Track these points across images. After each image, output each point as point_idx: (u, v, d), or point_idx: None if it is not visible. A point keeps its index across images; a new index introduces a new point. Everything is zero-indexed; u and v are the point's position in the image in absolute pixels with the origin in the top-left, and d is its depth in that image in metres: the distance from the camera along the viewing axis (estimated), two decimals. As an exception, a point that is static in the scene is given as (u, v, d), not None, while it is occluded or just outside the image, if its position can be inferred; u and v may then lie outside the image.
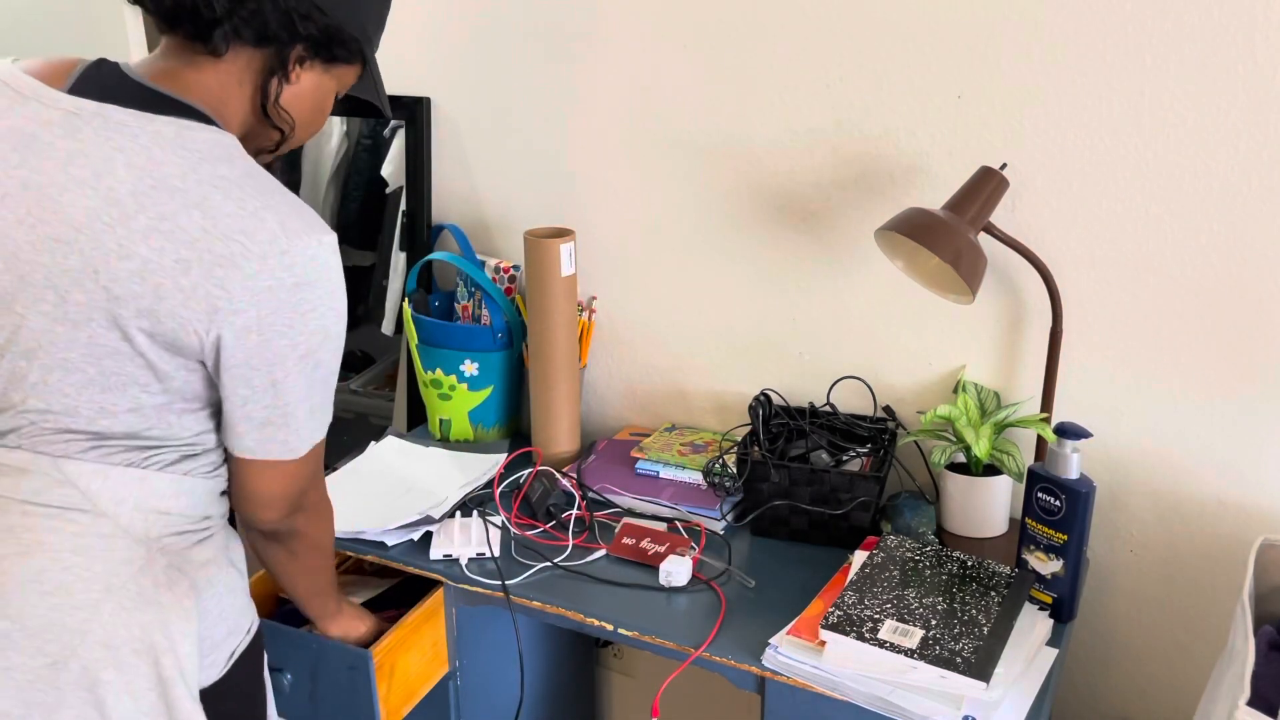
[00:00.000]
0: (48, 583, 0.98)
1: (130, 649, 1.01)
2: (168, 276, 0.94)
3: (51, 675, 0.98)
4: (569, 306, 1.68)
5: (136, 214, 0.94)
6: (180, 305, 0.95)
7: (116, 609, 1.01)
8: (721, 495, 1.58)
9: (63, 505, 1.00)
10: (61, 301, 0.96)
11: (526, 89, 1.78)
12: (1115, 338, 1.48)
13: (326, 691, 1.39)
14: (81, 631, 0.99)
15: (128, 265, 0.94)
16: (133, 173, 0.95)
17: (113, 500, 1.01)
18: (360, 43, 1.09)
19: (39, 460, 1.00)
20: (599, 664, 2.07)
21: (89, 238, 0.94)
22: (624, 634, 1.34)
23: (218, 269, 0.94)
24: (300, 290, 0.98)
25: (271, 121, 1.07)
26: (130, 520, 1.02)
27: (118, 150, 0.96)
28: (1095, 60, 1.38)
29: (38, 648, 0.98)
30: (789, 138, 1.60)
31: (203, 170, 0.96)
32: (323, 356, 1.03)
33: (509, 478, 1.67)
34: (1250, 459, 1.44)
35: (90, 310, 0.95)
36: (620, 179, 1.76)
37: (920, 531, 1.48)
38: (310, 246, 0.98)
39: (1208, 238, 1.39)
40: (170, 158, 0.96)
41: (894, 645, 1.19)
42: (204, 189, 0.95)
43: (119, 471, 1.01)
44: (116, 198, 0.94)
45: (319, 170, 2.02)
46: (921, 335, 1.61)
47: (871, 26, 1.50)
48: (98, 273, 0.94)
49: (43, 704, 0.98)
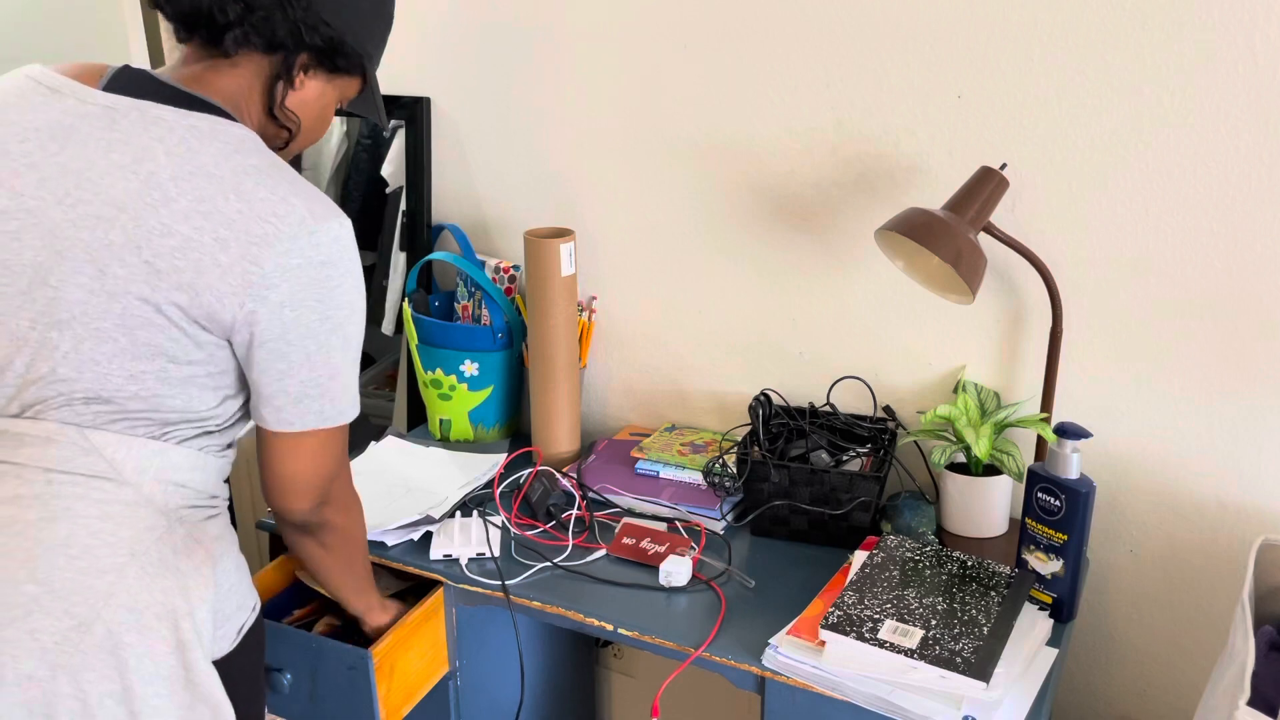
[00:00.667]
0: (75, 547, 1.02)
1: (153, 613, 1.05)
2: (207, 253, 1.01)
3: (77, 638, 1.01)
4: (569, 306, 1.68)
5: (178, 197, 1.01)
6: (218, 280, 1.01)
7: (140, 574, 1.04)
8: (721, 495, 1.58)
9: (89, 473, 1.03)
10: (100, 275, 1.01)
11: (526, 89, 1.78)
12: (1115, 338, 1.48)
13: (326, 691, 1.39)
14: (107, 594, 1.02)
15: (169, 242, 1.00)
16: (172, 160, 1.02)
17: (136, 470, 1.05)
18: (362, 57, 1.18)
19: (65, 430, 1.03)
20: (599, 664, 2.07)
21: (132, 216, 1.00)
22: (624, 634, 1.34)
23: (253, 247, 1.01)
24: (326, 268, 1.05)
25: (279, 122, 1.16)
26: (151, 490, 1.06)
27: (157, 140, 1.03)
28: (1095, 60, 1.38)
29: (64, 610, 1.01)
30: (789, 138, 1.60)
31: (235, 160, 1.04)
32: (350, 331, 1.10)
33: (509, 478, 1.67)
34: (1250, 459, 1.44)
35: (128, 284, 1.01)
36: (620, 179, 1.76)
37: (920, 531, 1.48)
38: (334, 229, 1.06)
39: (1208, 238, 1.39)
40: (206, 148, 1.04)
41: (894, 645, 1.19)
42: (238, 176, 1.03)
43: (141, 443, 1.06)
44: (158, 181, 1.01)
45: (319, 170, 2.02)
46: (921, 335, 1.61)
47: (871, 26, 1.50)
48: (140, 248, 1.00)
49: (68, 666, 1.00)
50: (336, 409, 1.12)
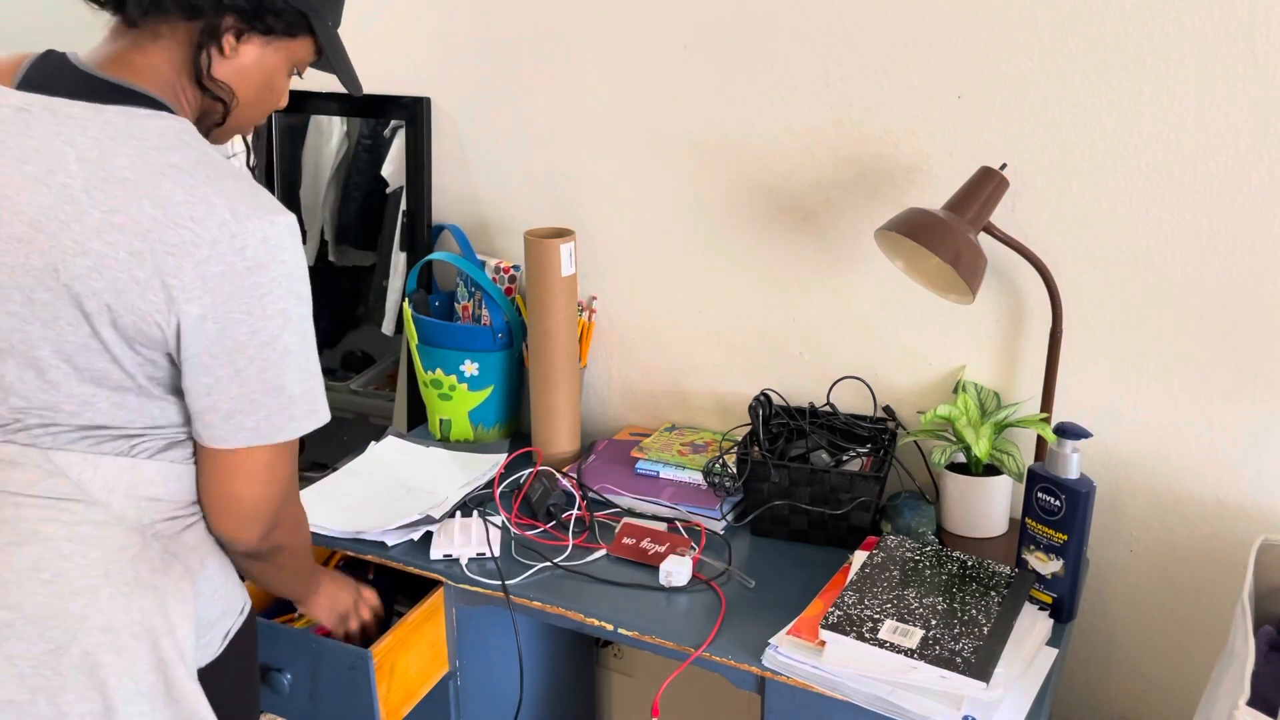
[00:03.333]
0: (46, 571, 1.00)
1: (129, 633, 1.02)
2: (123, 270, 0.94)
3: (53, 661, 0.99)
4: (569, 306, 1.68)
5: (90, 209, 0.94)
6: (137, 298, 0.95)
7: (114, 594, 1.02)
8: (721, 495, 1.58)
9: (56, 496, 1.01)
10: (29, 301, 0.96)
11: (526, 89, 1.78)
12: (1115, 338, 1.48)
13: (326, 691, 1.39)
14: (81, 617, 1.00)
15: (84, 262, 0.94)
16: (85, 167, 0.95)
17: (104, 489, 1.02)
18: (304, 15, 1.07)
19: (28, 453, 1.01)
20: (599, 664, 2.07)
21: (47, 236, 0.95)
22: (624, 634, 1.34)
23: (169, 258, 0.94)
24: (254, 274, 0.96)
25: (211, 93, 1.06)
26: (123, 508, 1.03)
27: (69, 144, 0.96)
28: (1095, 60, 1.38)
29: (39, 634, 0.99)
30: (789, 138, 1.60)
31: (153, 159, 0.96)
32: (287, 341, 1.01)
33: (509, 478, 1.67)
34: (1250, 459, 1.44)
35: (56, 308, 0.96)
36: (620, 179, 1.76)
37: (920, 531, 1.48)
38: (262, 228, 0.97)
39: (1208, 238, 1.39)
40: (121, 148, 0.96)
41: (894, 645, 1.19)
42: (154, 178, 0.95)
43: (109, 461, 1.02)
44: (70, 194, 0.94)
45: (319, 170, 2.02)
46: (921, 335, 1.61)
47: (871, 26, 1.50)
48: (58, 271, 0.95)
49: (46, 689, 0.99)
50: (274, 425, 1.02)
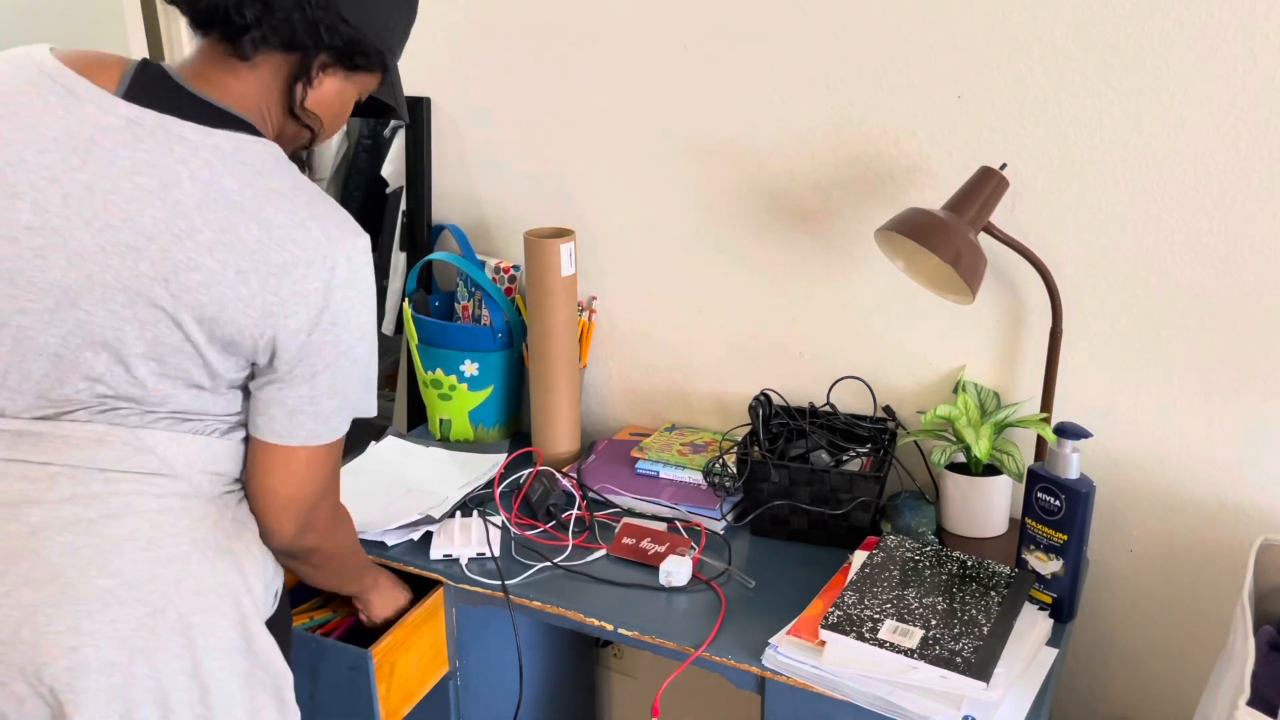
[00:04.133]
0: (141, 539, 1.06)
1: (216, 593, 1.10)
2: (229, 287, 1.02)
3: (152, 623, 1.05)
4: (569, 306, 1.68)
5: (202, 228, 1.01)
6: (239, 313, 1.03)
7: (202, 559, 1.09)
8: (721, 495, 1.58)
9: (145, 471, 1.07)
10: (131, 303, 1.02)
11: (526, 89, 1.78)
12: (1115, 337, 1.48)
13: (326, 691, 1.39)
14: (176, 581, 1.07)
15: (196, 277, 1.01)
16: (197, 186, 1.02)
17: (186, 464, 1.09)
18: (383, 54, 1.14)
19: (117, 431, 1.06)
20: (599, 664, 2.07)
21: (160, 247, 1.01)
22: (624, 634, 1.34)
23: (272, 278, 1.03)
24: (341, 290, 1.06)
25: (301, 121, 1.13)
26: (200, 482, 1.11)
27: (181, 163, 1.02)
28: (1095, 60, 1.38)
29: (138, 599, 1.05)
30: (789, 138, 1.60)
31: (258, 184, 1.04)
32: (360, 352, 1.11)
33: (509, 478, 1.67)
34: (1250, 459, 1.44)
35: (158, 312, 1.02)
36: (620, 179, 1.76)
37: (920, 531, 1.48)
38: (349, 250, 1.07)
39: (1208, 238, 1.39)
40: (229, 171, 1.03)
41: (894, 645, 1.19)
42: (259, 202, 1.03)
43: (189, 439, 1.10)
44: (183, 210, 1.01)
45: (319, 170, 2.02)
46: (921, 335, 1.61)
47: (871, 26, 1.50)
48: (168, 281, 1.01)
49: (144, 650, 1.05)
50: (329, 427, 1.12)
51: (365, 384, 1.15)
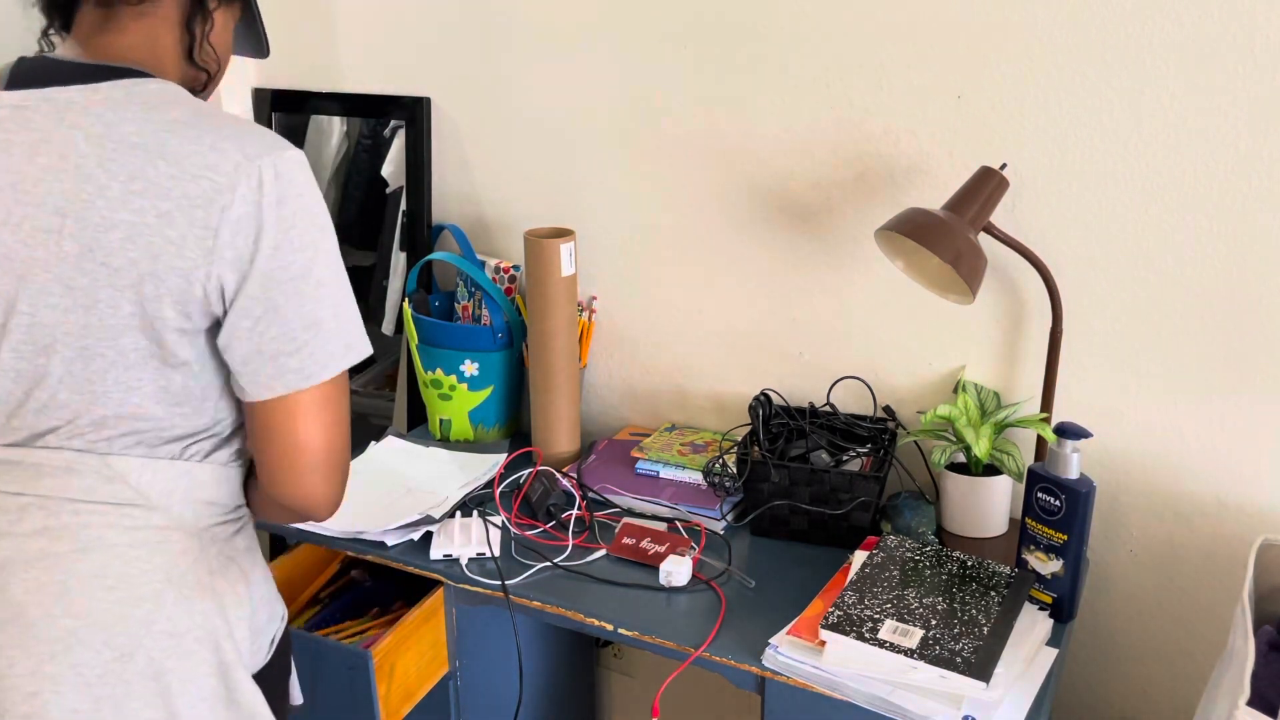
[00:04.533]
0: (110, 577, 0.99)
1: (193, 637, 1.03)
2: (156, 234, 0.95)
3: (119, 669, 0.99)
4: (569, 306, 1.68)
5: (109, 183, 0.95)
6: (175, 258, 0.95)
7: (178, 599, 1.02)
8: (721, 495, 1.58)
9: (116, 501, 1.01)
10: (68, 290, 0.96)
11: (526, 89, 1.78)
12: (1115, 337, 1.48)
13: (326, 691, 1.39)
14: (147, 623, 1.00)
15: (115, 235, 0.95)
16: (93, 144, 0.95)
17: (163, 493, 1.02)
18: None
19: (85, 458, 1.00)
20: (599, 664, 2.07)
21: (74, 219, 0.95)
22: (624, 634, 1.34)
23: (197, 211, 0.95)
24: (276, 209, 0.97)
25: (197, 65, 1.07)
26: (181, 512, 1.03)
27: (74, 127, 0.96)
28: (1095, 60, 1.38)
29: (105, 642, 0.99)
30: (789, 138, 1.60)
31: (155, 118, 0.97)
32: (320, 274, 1.00)
33: (509, 478, 1.67)
34: (1250, 459, 1.44)
35: (94, 292, 0.96)
36: (620, 179, 1.76)
37: (920, 531, 1.48)
38: (274, 164, 0.97)
39: (1208, 238, 1.39)
40: (124, 117, 0.96)
41: (894, 645, 1.19)
42: (160, 136, 0.96)
43: (165, 465, 1.02)
44: (86, 172, 0.95)
45: (319, 170, 2.02)
46: (921, 335, 1.61)
47: (871, 26, 1.50)
48: (92, 251, 0.95)
49: (111, 697, 0.98)
50: (317, 363, 1.00)
51: (343, 311, 1.02)
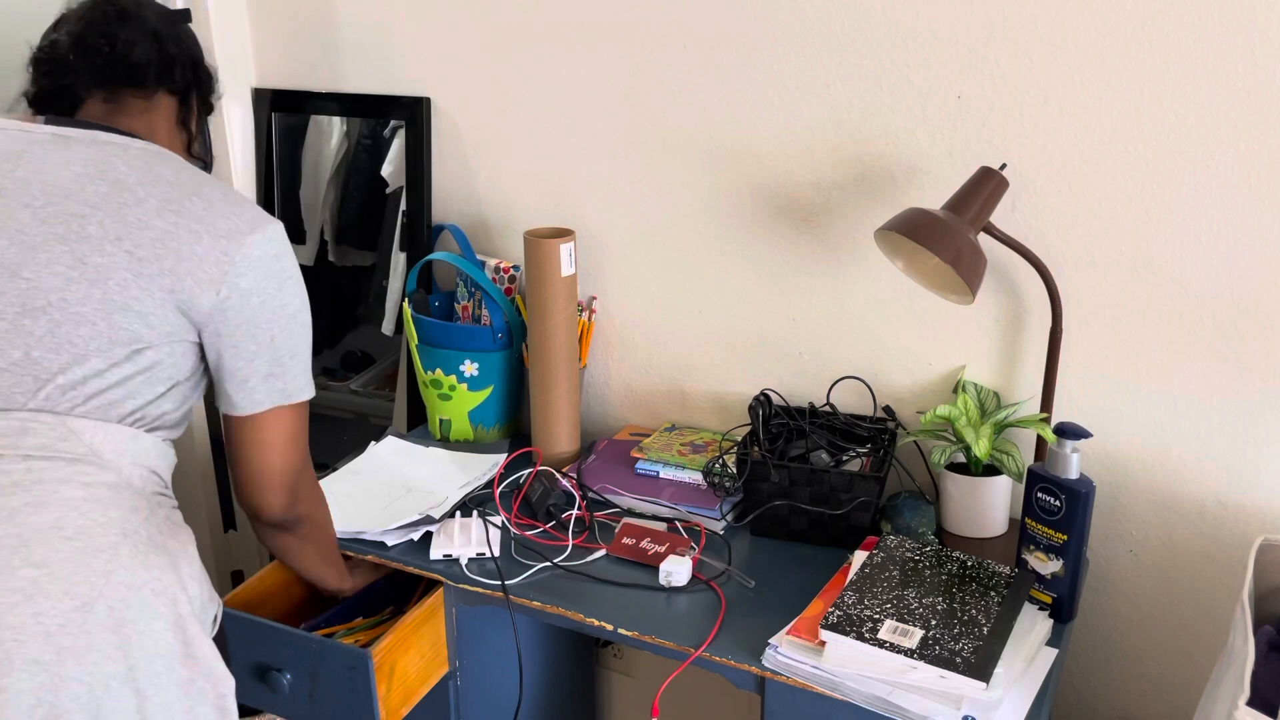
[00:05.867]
0: (68, 528, 1.03)
1: (150, 589, 1.07)
2: (184, 244, 1.10)
3: (80, 619, 1.01)
4: (569, 306, 1.68)
5: (146, 199, 1.10)
6: (196, 267, 1.10)
7: (133, 552, 1.06)
8: (721, 495, 1.58)
9: (70, 457, 1.06)
10: (80, 263, 1.06)
11: (526, 89, 1.78)
12: (1115, 338, 1.48)
13: (326, 691, 1.39)
14: (106, 573, 1.04)
15: (148, 234, 1.09)
16: (133, 169, 1.12)
17: (114, 453, 1.09)
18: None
19: (41, 417, 1.05)
20: (599, 664, 2.07)
21: (107, 213, 1.08)
22: (624, 634, 1.34)
23: (222, 240, 1.12)
24: (279, 260, 1.17)
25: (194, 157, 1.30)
26: (130, 474, 1.11)
27: (114, 155, 1.12)
28: (1095, 60, 1.38)
29: (65, 591, 1.01)
30: (789, 138, 1.60)
31: (186, 173, 1.16)
32: (304, 318, 1.21)
33: (509, 478, 1.67)
34: (1250, 459, 1.44)
35: (109, 270, 1.07)
36: (620, 179, 1.76)
37: (920, 531, 1.48)
38: (278, 230, 1.18)
39: (1207, 238, 1.39)
40: (159, 161, 1.15)
41: (894, 645, 1.19)
42: (196, 184, 1.14)
43: (115, 428, 1.10)
44: (126, 185, 1.10)
45: (319, 170, 2.02)
46: (921, 335, 1.61)
47: (871, 26, 1.50)
48: (120, 239, 1.08)
49: (73, 648, 1.00)
50: (296, 385, 1.21)
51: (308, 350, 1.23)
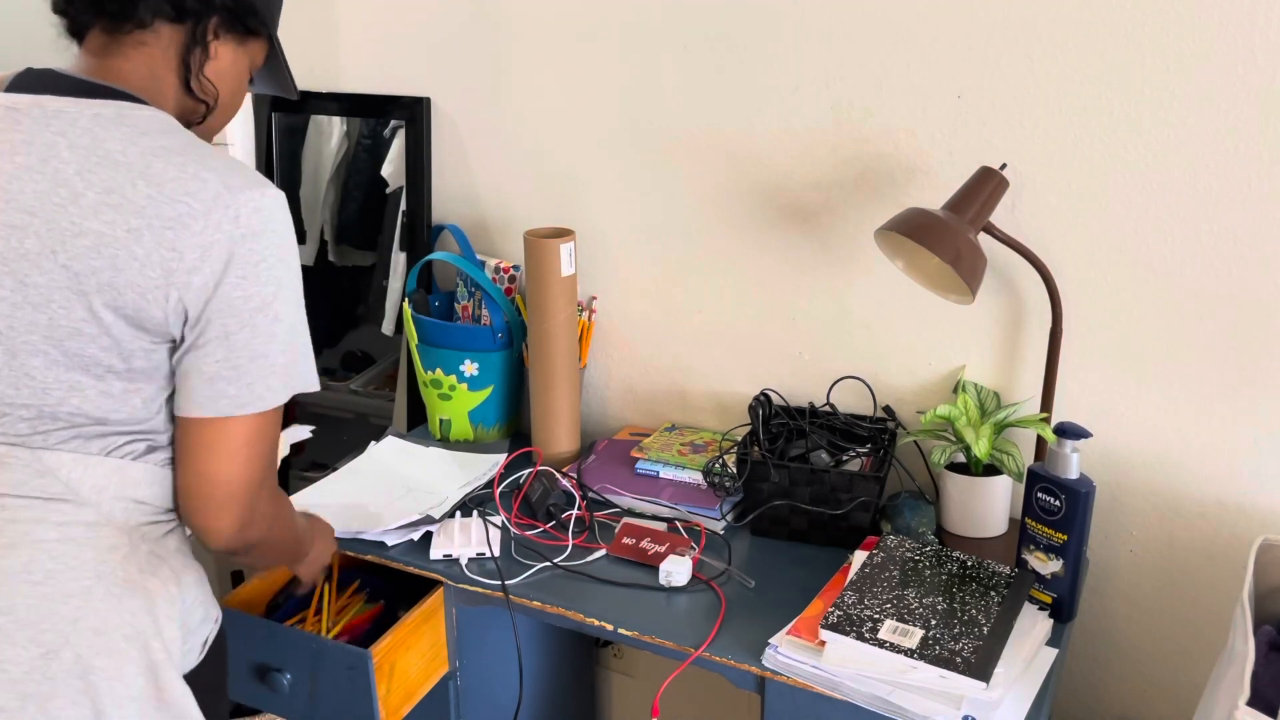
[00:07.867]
0: (37, 572, 0.99)
1: (121, 634, 1.02)
2: (122, 247, 0.97)
3: (45, 665, 0.98)
4: (569, 306, 1.68)
5: (84, 191, 0.97)
6: (137, 274, 0.97)
7: (106, 595, 1.01)
8: (721, 495, 1.58)
9: (45, 496, 1.00)
10: (21, 285, 0.98)
11: (526, 89, 1.78)
12: (1115, 338, 1.48)
13: (326, 691, 1.39)
14: (74, 619, 0.99)
15: (82, 242, 0.97)
16: (76, 153, 0.98)
17: (94, 489, 1.02)
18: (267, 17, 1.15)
19: (15, 452, 1.00)
20: (599, 664, 2.07)
21: (43, 220, 0.97)
22: (624, 634, 1.34)
23: (167, 231, 0.97)
24: (248, 241, 1.00)
25: (195, 96, 1.11)
26: (111, 509, 1.03)
27: (59, 135, 0.99)
28: (1095, 60, 1.38)
29: (31, 638, 0.98)
30: (789, 138, 1.60)
31: (143, 142, 1.00)
32: (279, 310, 1.02)
33: (509, 478, 1.67)
34: (1250, 459, 1.44)
35: (50, 291, 0.98)
36: (620, 179, 1.76)
37: (920, 531, 1.48)
38: (254, 198, 1.00)
39: (1208, 238, 1.39)
40: (111, 134, 0.99)
41: (894, 645, 1.19)
42: (146, 158, 0.99)
43: (97, 461, 1.02)
44: (64, 178, 0.98)
45: (319, 170, 2.02)
46: (921, 335, 1.61)
47: (871, 26, 1.50)
48: (55, 253, 0.97)
49: (36, 695, 0.97)
50: (254, 394, 1.01)
51: (295, 348, 1.05)
